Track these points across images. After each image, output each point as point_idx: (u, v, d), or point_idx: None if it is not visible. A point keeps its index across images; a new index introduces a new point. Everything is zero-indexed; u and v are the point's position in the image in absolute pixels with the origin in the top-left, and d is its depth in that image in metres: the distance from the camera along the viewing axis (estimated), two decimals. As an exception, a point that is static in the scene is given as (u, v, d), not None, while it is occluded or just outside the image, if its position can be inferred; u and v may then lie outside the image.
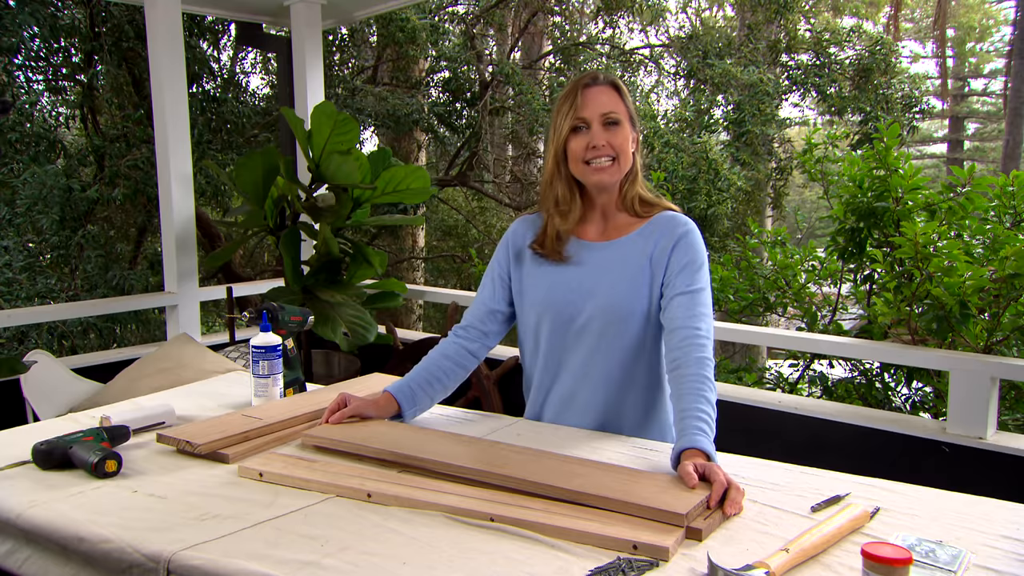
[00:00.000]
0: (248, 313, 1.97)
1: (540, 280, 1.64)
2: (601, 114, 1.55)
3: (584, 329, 1.59)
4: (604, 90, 1.57)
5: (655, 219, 1.61)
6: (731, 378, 3.70)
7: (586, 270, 1.60)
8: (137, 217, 7.04)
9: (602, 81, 1.58)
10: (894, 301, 2.87)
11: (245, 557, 1.08)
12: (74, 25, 6.19)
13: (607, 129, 1.55)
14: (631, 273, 1.57)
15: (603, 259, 1.60)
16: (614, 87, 1.59)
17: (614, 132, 1.55)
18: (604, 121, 1.55)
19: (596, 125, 1.55)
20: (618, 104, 1.57)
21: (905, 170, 2.90)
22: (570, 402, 1.64)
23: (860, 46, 9.07)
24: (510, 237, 1.72)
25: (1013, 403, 2.94)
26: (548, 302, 1.62)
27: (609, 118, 1.55)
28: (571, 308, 1.60)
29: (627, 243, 1.60)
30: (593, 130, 1.55)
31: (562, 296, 1.61)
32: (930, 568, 1.04)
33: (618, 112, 1.56)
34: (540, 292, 1.64)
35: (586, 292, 1.59)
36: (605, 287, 1.58)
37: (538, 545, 1.12)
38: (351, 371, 3.70)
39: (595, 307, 1.57)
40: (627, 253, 1.59)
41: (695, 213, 7.36)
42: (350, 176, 3.19)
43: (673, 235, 1.58)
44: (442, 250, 9.89)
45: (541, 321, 1.64)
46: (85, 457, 1.39)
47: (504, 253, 1.71)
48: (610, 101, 1.56)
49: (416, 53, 8.07)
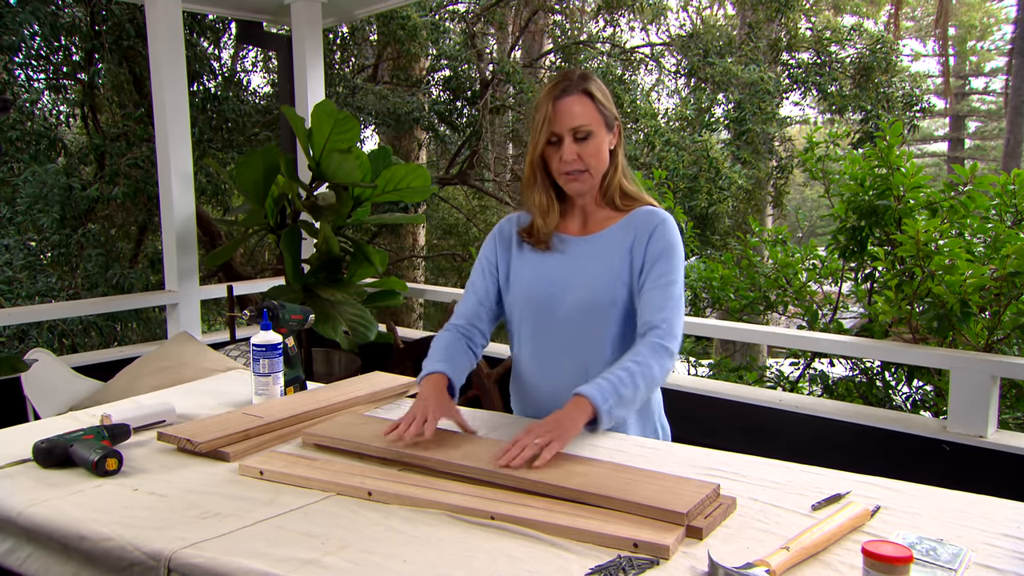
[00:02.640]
0: (249, 311, 1.97)
1: (524, 271, 1.68)
2: (571, 128, 1.56)
3: (566, 321, 1.61)
4: (576, 100, 1.57)
5: (634, 213, 1.64)
6: (732, 377, 3.70)
7: (567, 262, 1.64)
8: (137, 216, 7.04)
9: (573, 89, 1.57)
10: (895, 300, 2.87)
11: (246, 555, 1.08)
12: (75, 23, 6.19)
13: (578, 143, 1.57)
14: (610, 266, 1.60)
15: (583, 252, 1.64)
16: (586, 94, 1.58)
17: (584, 145, 1.57)
18: (575, 136, 1.57)
19: (567, 140, 1.57)
20: (589, 113, 1.57)
21: (907, 168, 2.90)
22: (555, 396, 1.64)
23: (861, 44, 9.05)
24: (499, 228, 1.77)
25: (1014, 402, 2.93)
26: (529, 295, 1.66)
27: (579, 132, 1.57)
28: (551, 300, 1.63)
29: (607, 237, 1.63)
30: (565, 145, 1.57)
31: (543, 289, 1.64)
32: (931, 566, 1.04)
33: (588, 123, 1.57)
34: (523, 285, 1.68)
35: (566, 284, 1.62)
36: (584, 279, 1.61)
37: (539, 543, 1.12)
38: (351, 369, 3.70)
39: (575, 299, 1.60)
40: (607, 246, 1.62)
41: (696, 211, 7.36)
42: (350, 175, 3.19)
43: (649, 227, 1.61)
44: (442, 249, 9.88)
45: (524, 314, 1.67)
46: (86, 455, 1.39)
47: (492, 244, 1.75)
48: (581, 112, 1.57)
49: (417, 51, 8.07)
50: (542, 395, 1.67)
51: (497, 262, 1.73)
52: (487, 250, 1.75)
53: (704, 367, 4.13)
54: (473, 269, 1.77)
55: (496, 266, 1.74)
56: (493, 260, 1.74)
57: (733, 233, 7.76)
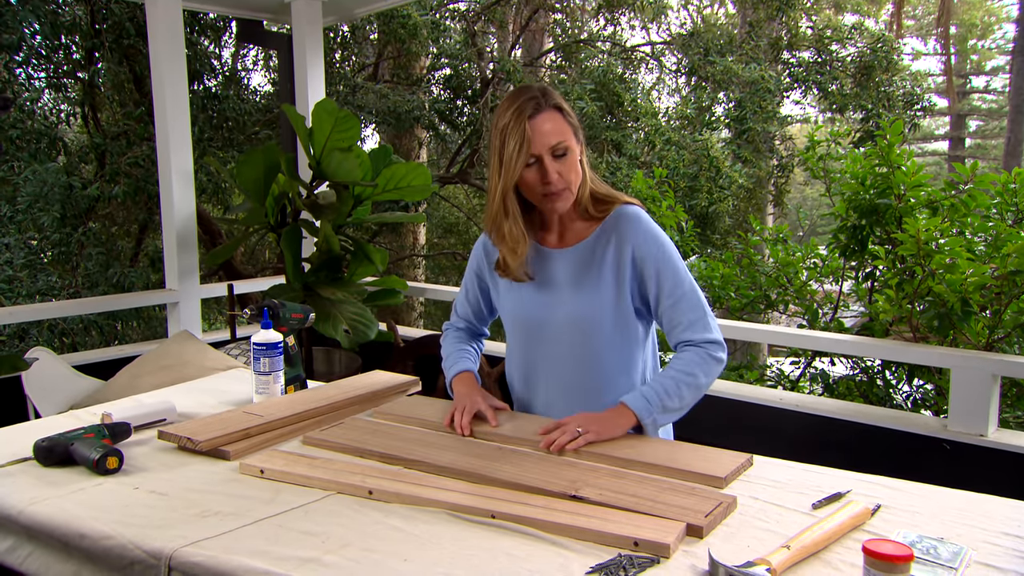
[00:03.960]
0: (249, 310, 1.97)
1: (508, 297, 1.68)
2: (550, 147, 1.51)
3: (555, 339, 1.61)
4: (548, 117, 1.51)
5: (607, 221, 1.60)
6: (732, 376, 3.70)
7: (550, 282, 1.62)
8: (138, 214, 7.04)
9: (545, 106, 1.52)
10: (896, 298, 2.87)
11: (246, 554, 1.08)
12: (75, 22, 6.19)
13: (557, 160, 1.52)
14: (592, 281, 1.58)
15: (564, 268, 1.61)
16: (557, 109, 1.53)
17: (563, 162, 1.52)
18: (554, 154, 1.52)
19: (547, 159, 1.51)
20: (563, 129, 1.52)
21: (908, 167, 2.90)
22: (551, 410, 1.65)
23: (862, 43, 9.05)
24: (475, 260, 1.76)
25: (1014, 400, 2.93)
26: (516, 317, 1.67)
27: (558, 150, 1.51)
28: (538, 321, 1.62)
29: (585, 249, 1.60)
30: (545, 164, 1.51)
31: (528, 312, 1.64)
32: (931, 565, 1.04)
33: (565, 138, 1.52)
34: (508, 307, 1.69)
35: (552, 304, 1.60)
36: (568, 297, 1.59)
37: (539, 542, 1.12)
38: (352, 368, 3.70)
39: (562, 317, 1.59)
40: (586, 259, 1.59)
41: (696, 210, 7.35)
42: (351, 173, 3.19)
43: (628, 243, 1.56)
44: (443, 247, 9.89)
45: (515, 333, 1.69)
46: (86, 454, 1.39)
47: (472, 275, 1.78)
48: (555, 129, 1.51)
49: (417, 50, 8.07)
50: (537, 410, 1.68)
51: (479, 293, 1.78)
52: (470, 277, 1.78)
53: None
54: (466, 270, 1.79)
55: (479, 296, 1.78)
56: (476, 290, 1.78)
57: (734, 232, 7.75)
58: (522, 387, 1.71)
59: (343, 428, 1.60)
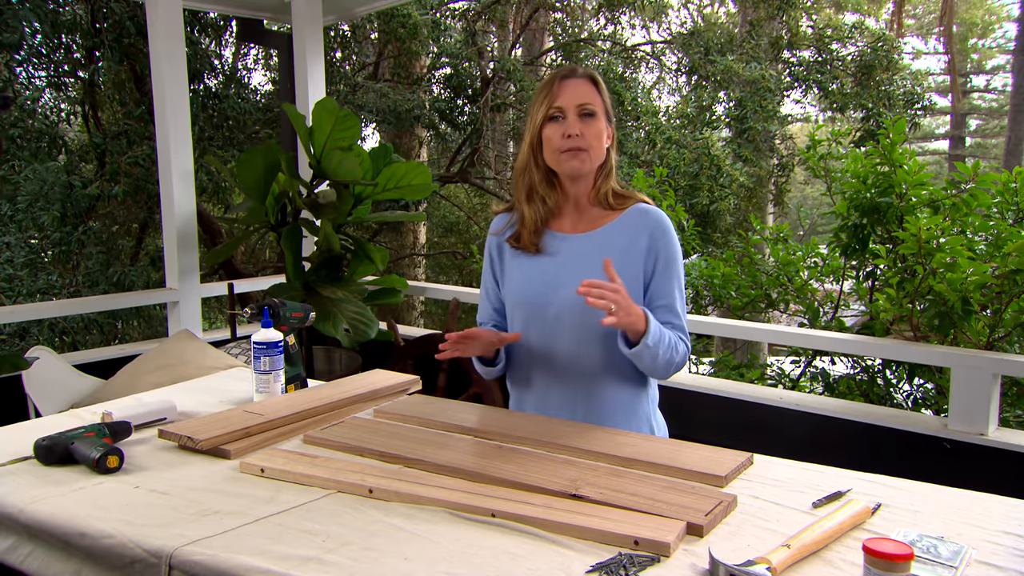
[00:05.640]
0: (250, 309, 1.97)
1: (516, 272, 1.68)
2: (577, 104, 1.56)
3: (559, 321, 1.60)
4: (582, 83, 1.59)
5: (629, 212, 1.63)
6: (733, 375, 3.70)
7: (559, 262, 1.63)
8: (138, 213, 7.04)
9: (580, 74, 1.60)
10: (896, 297, 2.87)
11: (247, 552, 1.08)
12: (75, 21, 6.18)
13: (582, 120, 1.57)
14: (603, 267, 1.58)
15: (577, 251, 1.62)
16: (592, 81, 1.60)
17: (588, 123, 1.57)
18: (580, 112, 1.57)
19: (572, 115, 1.57)
20: (594, 97, 1.59)
21: (909, 166, 2.90)
22: (548, 394, 1.65)
23: (862, 42, 9.04)
24: (488, 252, 1.77)
25: (1015, 399, 2.93)
26: (522, 294, 1.65)
27: (585, 109, 1.57)
28: (543, 299, 1.62)
29: (601, 235, 1.62)
30: (569, 119, 1.56)
31: (535, 288, 1.63)
32: (931, 564, 1.04)
33: (594, 104, 1.58)
34: (515, 284, 1.67)
35: (558, 284, 1.60)
36: (577, 279, 1.57)
37: (540, 541, 1.12)
38: (352, 367, 3.70)
39: (567, 299, 1.58)
40: (601, 245, 1.60)
41: (697, 209, 7.35)
42: (351, 172, 3.19)
43: (646, 232, 1.60)
44: (443, 247, 9.89)
45: (518, 313, 1.67)
46: (87, 453, 1.39)
47: (488, 272, 1.77)
48: (587, 93, 1.58)
49: (417, 49, 8.06)
50: (538, 393, 1.67)
51: (494, 272, 1.76)
52: (487, 254, 1.77)
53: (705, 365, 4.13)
54: (483, 272, 1.79)
55: (493, 276, 1.76)
56: (490, 272, 1.77)
57: (734, 231, 7.75)
58: (520, 370, 1.70)
59: (343, 427, 1.60)
